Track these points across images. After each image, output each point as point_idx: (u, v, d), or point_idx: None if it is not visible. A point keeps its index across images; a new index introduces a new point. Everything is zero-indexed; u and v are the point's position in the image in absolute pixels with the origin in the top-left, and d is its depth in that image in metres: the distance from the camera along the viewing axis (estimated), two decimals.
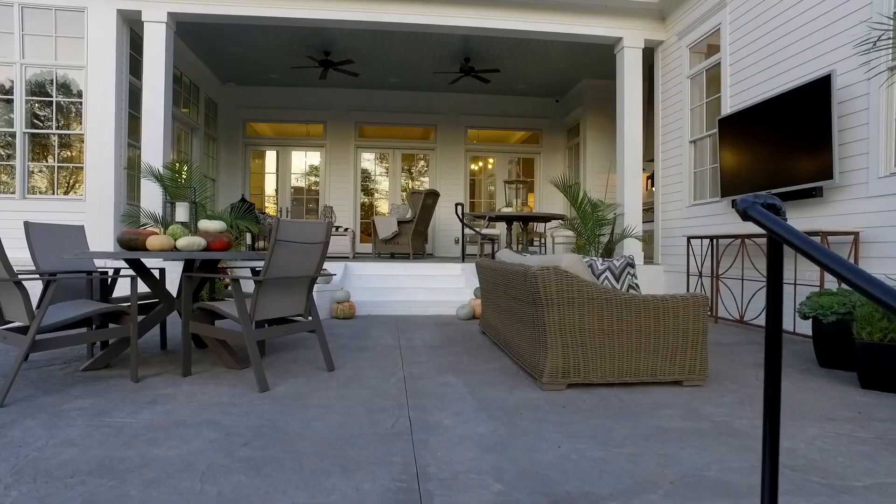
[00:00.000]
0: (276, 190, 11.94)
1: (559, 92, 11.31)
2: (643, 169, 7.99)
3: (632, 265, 3.11)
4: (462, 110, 11.55)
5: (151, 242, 3.05)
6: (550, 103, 11.74)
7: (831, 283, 4.30)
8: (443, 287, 6.59)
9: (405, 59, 9.45)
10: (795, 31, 4.96)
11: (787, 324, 4.83)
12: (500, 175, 12.05)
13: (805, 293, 4.22)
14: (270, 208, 11.87)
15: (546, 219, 8.13)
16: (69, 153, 6.97)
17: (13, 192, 6.51)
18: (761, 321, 5.11)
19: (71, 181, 7.02)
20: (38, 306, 2.72)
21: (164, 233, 3.19)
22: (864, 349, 2.98)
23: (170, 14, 6.57)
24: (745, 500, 1.65)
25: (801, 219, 4.87)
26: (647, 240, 7.72)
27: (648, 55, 7.66)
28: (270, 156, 12.04)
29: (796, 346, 4.29)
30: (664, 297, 2.95)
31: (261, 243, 8.34)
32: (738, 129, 5.59)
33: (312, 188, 12.03)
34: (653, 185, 7.95)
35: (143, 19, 6.53)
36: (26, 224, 3.30)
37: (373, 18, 6.81)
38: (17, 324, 2.79)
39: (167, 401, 2.57)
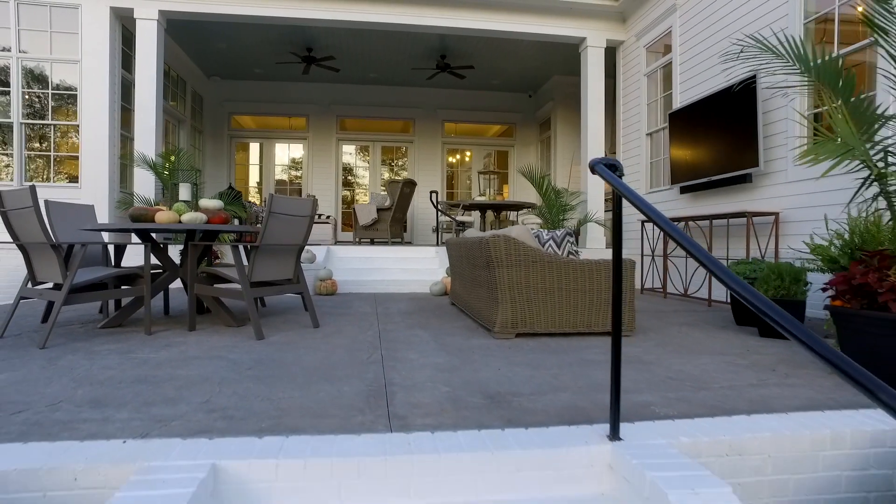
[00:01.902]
0: (260, 181, 12.34)
1: (532, 87, 11.86)
2: None
3: (571, 235, 3.68)
4: (439, 105, 12.06)
5: (160, 217, 3.54)
6: (524, 98, 12.29)
7: (754, 255, 4.94)
8: (418, 268, 7.13)
9: (384, 56, 9.93)
10: (732, 36, 5.58)
11: (724, 295, 5.47)
12: (476, 167, 12.60)
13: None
14: (254, 199, 12.27)
15: (516, 207, 8.71)
16: (56, 142, 7.31)
17: (11, 180, 6.88)
18: (702, 294, 5.75)
19: (58, 170, 7.36)
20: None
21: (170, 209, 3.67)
22: None
23: (161, 12, 6.96)
24: (626, 396, 2.22)
25: (735, 202, 5.52)
26: (610, 226, 8.33)
27: (612, 54, 8.25)
28: (254, 148, 12.43)
29: (724, 312, 4.92)
30: (597, 260, 3.53)
31: None
32: (684, 122, 6.21)
33: (295, 180, 12.45)
34: None
35: (135, 17, 6.92)
36: (46, 202, 3.74)
37: (353, 18, 7.29)
38: (47, 285, 3.26)
39: (180, 345, 3.07)
